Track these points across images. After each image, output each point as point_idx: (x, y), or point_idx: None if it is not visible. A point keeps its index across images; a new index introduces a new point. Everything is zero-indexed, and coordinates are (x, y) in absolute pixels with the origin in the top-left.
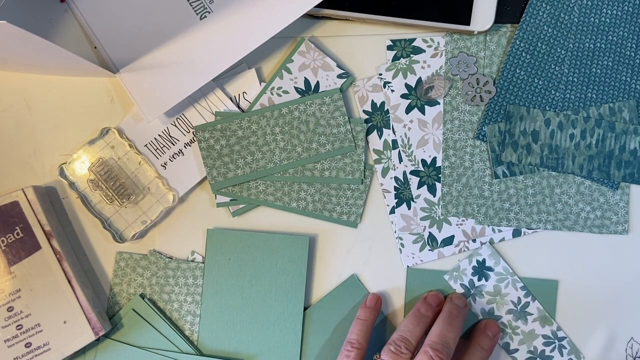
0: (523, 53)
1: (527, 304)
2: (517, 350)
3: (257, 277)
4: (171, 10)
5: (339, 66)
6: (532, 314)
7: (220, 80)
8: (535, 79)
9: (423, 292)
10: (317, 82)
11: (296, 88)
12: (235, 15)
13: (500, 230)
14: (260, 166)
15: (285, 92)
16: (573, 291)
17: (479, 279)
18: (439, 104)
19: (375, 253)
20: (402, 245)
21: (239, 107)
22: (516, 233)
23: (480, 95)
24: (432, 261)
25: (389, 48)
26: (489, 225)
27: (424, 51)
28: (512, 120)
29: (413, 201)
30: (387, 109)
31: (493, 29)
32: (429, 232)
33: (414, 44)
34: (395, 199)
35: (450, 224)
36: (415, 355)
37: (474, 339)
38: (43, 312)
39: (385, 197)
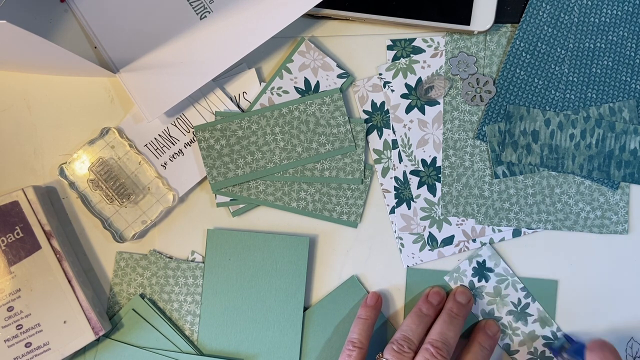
0: (523, 53)
1: (527, 305)
2: (517, 351)
3: (257, 278)
4: (171, 10)
5: (339, 66)
6: (532, 315)
7: (220, 80)
8: (535, 79)
9: (423, 292)
10: (317, 82)
11: (296, 88)
12: (235, 15)
13: (500, 230)
14: (260, 166)
15: (285, 92)
16: (573, 291)
17: (479, 280)
18: (439, 104)
19: (375, 253)
20: (402, 245)
21: (239, 107)
22: (516, 233)
23: (480, 95)
24: (432, 261)
25: (389, 48)
26: (489, 225)
27: (424, 51)
28: (512, 120)
29: (413, 201)
30: (387, 109)
31: (493, 29)
32: (429, 232)
33: (414, 44)
34: (395, 198)
35: (450, 224)
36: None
37: (474, 338)
38: (43, 312)
39: (385, 197)
